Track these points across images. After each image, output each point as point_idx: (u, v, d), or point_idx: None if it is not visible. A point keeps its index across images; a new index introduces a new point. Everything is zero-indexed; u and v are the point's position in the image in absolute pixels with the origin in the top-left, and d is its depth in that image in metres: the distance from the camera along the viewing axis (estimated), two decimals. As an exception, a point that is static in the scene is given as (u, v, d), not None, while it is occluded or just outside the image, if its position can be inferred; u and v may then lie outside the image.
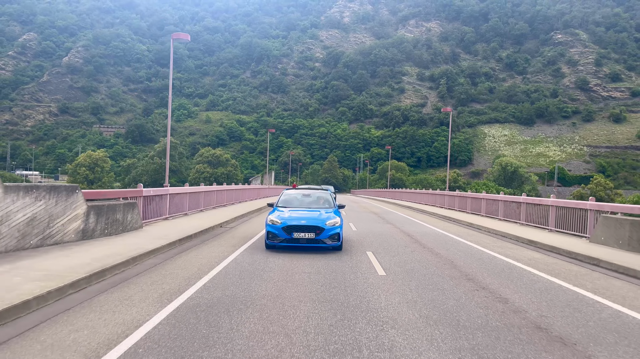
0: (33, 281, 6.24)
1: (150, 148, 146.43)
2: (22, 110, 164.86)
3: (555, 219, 15.75)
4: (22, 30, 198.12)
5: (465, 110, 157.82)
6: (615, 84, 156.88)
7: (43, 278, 6.43)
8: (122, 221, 11.50)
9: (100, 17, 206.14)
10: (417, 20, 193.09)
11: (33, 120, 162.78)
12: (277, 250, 10.71)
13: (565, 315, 6.02)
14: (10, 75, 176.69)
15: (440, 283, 7.70)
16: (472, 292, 7.16)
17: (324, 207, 11.88)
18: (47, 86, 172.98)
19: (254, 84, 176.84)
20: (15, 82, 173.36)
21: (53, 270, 6.97)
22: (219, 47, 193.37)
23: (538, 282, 8.12)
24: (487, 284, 7.81)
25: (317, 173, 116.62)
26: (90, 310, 5.65)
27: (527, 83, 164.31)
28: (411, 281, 7.76)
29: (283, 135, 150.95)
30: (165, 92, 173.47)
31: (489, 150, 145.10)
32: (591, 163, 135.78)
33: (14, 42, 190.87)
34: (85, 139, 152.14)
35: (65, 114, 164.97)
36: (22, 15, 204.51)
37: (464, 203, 25.62)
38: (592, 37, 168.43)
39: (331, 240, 10.55)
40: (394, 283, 7.57)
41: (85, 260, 7.86)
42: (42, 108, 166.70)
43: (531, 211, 17.64)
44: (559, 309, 6.33)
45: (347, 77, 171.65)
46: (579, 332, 5.34)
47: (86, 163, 71.98)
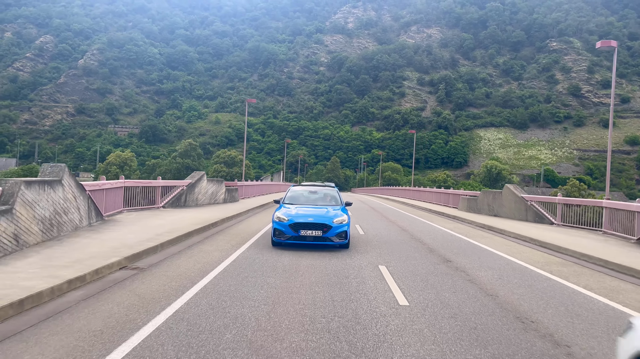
0: (211, 216, 16.53)
1: (164, 148, 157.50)
2: (41, 110, 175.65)
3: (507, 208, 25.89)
4: (38, 32, 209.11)
5: (462, 114, 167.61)
6: (606, 91, 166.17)
7: (214, 217, 16.71)
8: (234, 196, 22.20)
9: (114, 20, 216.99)
10: (418, 26, 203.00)
11: (51, 119, 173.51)
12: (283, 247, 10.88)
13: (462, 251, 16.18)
14: (28, 76, 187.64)
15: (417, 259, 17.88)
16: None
17: (331, 204, 12.06)
18: (64, 87, 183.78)
19: (261, 87, 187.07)
20: (34, 83, 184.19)
21: (220, 213, 17.25)
22: (228, 51, 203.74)
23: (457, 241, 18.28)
24: (444, 254, 17.97)
25: (321, 173, 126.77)
26: (238, 223, 15.85)
27: (522, 89, 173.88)
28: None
29: (289, 137, 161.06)
30: (177, 94, 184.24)
31: (484, 153, 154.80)
32: (580, 166, 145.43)
33: (31, 44, 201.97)
34: (101, 138, 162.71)
35: (82, 114, 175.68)
36: (38, 18, 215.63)
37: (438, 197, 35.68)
38: (585, 45, 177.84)
39: (338, 238, 10.65)
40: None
41: (229, 211, 18.14)
42: (60, 108, 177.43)
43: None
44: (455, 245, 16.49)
45: (350, 81, 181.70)
46: (468, 260, 15.50)
47: (116, 162, 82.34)
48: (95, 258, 7.96)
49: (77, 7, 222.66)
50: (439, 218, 23.05)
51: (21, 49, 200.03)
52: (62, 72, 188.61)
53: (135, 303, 6.09)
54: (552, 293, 7.73)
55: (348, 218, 11.12)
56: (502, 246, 13.52)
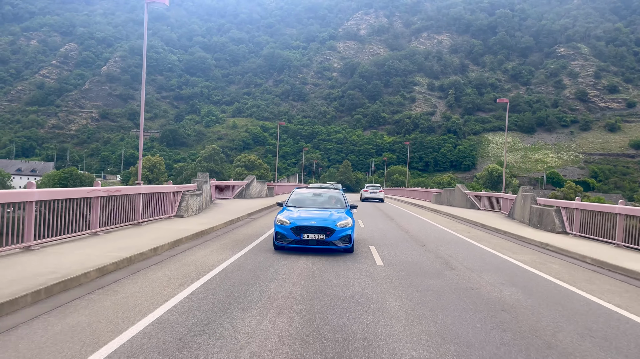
0: (265, 202, 25.20)
1: (184, 152, 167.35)
2: (67, 116, 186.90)
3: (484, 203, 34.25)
4: (62, 40, 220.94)
5: (471, 119, 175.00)
6: (612, 95, 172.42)
7: (267, 203, 25.39)
8: (271, 192, 30.98)
9: (134, 28, 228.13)
10: (429, 32, 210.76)
11: (77, 124, 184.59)
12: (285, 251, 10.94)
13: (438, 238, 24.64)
14: (54, 83, 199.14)
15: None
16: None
17: (335, 207, 12.07)
18: (89, 93, 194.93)
19: (276, 92, 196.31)
20: (60, 90, 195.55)
21: (269, 202, 25.92)
22: (244, 57, 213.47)
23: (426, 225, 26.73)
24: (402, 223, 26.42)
25: (334, 176, 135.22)
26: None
27: (530, 93, 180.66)
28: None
29: (303, 141, 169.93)
30: (195, 99, 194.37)
31: (492, 156, 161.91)
32: (585, 169, 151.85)
33: (56, 51, 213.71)
34: (124, 142, 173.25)
35: (106, 119, 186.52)
36: (62, 27, 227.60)
37: (421, 194, 44.25)
38: (592, 51, 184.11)
39: (342, 242, 10.60)
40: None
41: (273, 201, 26.78)
42: (85, 113, 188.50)
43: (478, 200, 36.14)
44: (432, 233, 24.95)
45: (362, 86, 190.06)
46: (406, 221, 23.95)
47: (147, 166, 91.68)
48: (238, 212, 16.65)
49: (99, 15, 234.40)
50: (411, 207, 31.94)
51: (47, 56, 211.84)
52: (86, 79, 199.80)
53: (249, 232, 14.66)
54: (450, 240, 16.14)
55: (352, 222, 11.12)
56: (436, 218, 21.94)
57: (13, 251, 8.66)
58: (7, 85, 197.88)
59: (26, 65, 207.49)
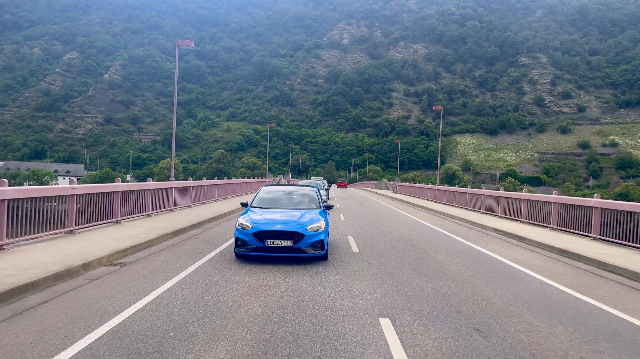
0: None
1: (184, 153, 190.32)
2: (74, 120, 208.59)
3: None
4: (64, 49, 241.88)
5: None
6: (566, 101, 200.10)
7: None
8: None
9: (132, 37, 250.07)
10: (405, 42, 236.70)
11: (84, 129, 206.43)
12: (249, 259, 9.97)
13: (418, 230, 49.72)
14: (59, 90, 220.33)
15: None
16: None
17: (307, 208, 11.10)
18: (93, 99, 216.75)
19: (266, 98, 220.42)
20: (66, 96, 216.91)
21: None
22: (235, 65, 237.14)
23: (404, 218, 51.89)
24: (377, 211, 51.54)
25: (320, 174, 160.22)
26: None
27: (495, 99, 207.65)
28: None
29: (292, 143, 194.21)
30: (192, 105, 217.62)
31: (459, 156, 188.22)
32: (539, 166, 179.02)
33: (59, 60, 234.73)
34: (128, 145, 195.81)
35: (110, 124, 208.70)
36: (63, 36, 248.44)
37: (374, 185, 69.28)
38: (550, 60, 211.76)
39: (313, 248, 9.61)
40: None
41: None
42: (90, 118, 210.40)
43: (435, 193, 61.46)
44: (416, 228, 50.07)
45: (345, 92, 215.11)
46: (361, 199, 48.98)
47: (167, 167, 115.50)
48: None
49: (98, 24, 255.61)
50: (360, 191, 56.69)
51: (50, 64, 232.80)
52: (89, 86, 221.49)
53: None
54: (392, 213, 41.00)
55: (326, 225, 10.09)
56: (372, 196, 46.72)
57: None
58: (15, 92, 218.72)
59: (31, 72, 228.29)
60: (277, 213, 10.48)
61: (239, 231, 9.83)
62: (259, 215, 10.23)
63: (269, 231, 9.55)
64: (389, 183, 55.71)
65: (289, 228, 9.61)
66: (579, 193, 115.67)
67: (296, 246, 9.53)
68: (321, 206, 11.40)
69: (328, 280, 8.55)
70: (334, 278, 8.76)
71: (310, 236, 9.63)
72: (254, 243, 9.57)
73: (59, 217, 11.26)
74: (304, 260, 9.99)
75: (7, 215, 9.37)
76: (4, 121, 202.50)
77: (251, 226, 9.69)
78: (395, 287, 8.26)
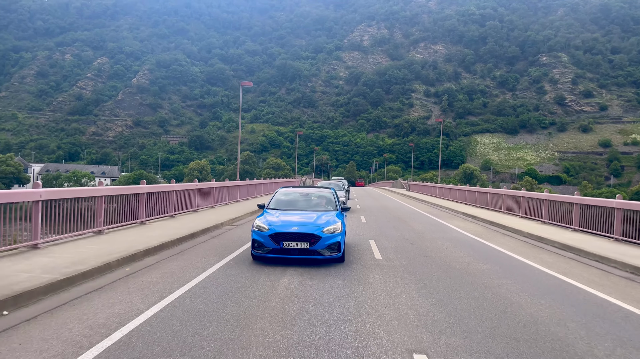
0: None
1: (210, 154, 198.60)
2: (105, 123, 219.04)
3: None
4: (94, 54, 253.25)
5: (462, 122, 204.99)
6: (587, 100, 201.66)
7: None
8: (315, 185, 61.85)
9: (158, 42, 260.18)
10: (426, 43, 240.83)
11: (114, 131, 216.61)
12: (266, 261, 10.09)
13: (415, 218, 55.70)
14: (90, 94, 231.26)
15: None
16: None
17: (323, 210, 11.28)
18: (122, 103, 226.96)
19: (289, 100, 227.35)
20: (96, 100, 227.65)
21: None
22: (258, 68, 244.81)
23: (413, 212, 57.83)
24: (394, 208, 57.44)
25: (341, 174, 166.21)
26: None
27: (515, 99, 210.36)
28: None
29: (313, 143, 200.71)
30: (217, 107, 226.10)
31: (479, 155, 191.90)
32: (559, 165, 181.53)
33: (90, 65, 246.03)
34: (156, 147, 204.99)
35: (139, 126, 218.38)
36: (93, 42, 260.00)
37: (391, 184, 74.97)
38: (571, 59, 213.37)
39: (329, 250, 9.74)
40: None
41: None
42: (120, 121, 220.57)
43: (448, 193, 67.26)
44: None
45: (365, 93, 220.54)
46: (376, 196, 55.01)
47: (197, 168, 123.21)
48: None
49: (126, 30, 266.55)
50: (377, 189, 62.37)
51: (82, 69, 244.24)
52: (119, 90, 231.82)
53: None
54: (398, 206, 46.97)
55: (342, 226, 10.21)
56: (387, 193, 52.64)
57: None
58: (49, 97, 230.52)
59: (64, 78, 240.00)
60: (294, 215, 10.60)
61: (255, 233, 9.95)
62: (275, 217, 10.36)
63: (285, 233, 9.67)
64: (404, 182, 61.84)
65: (305, 229, 9.71)
66: (596, 192, 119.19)
67: (312, 248, 9.62)
68: (338, 208, 11.48)
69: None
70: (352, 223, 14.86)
71: (327, 238, 9.71)
72: (270, 245, 9.70)
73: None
74: (320, 262, 10.04)
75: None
76: (39, 125, 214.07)
77: (267, 228, 9.81)
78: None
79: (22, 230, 9.51)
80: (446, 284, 8.72)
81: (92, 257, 9.20)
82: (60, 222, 10.63)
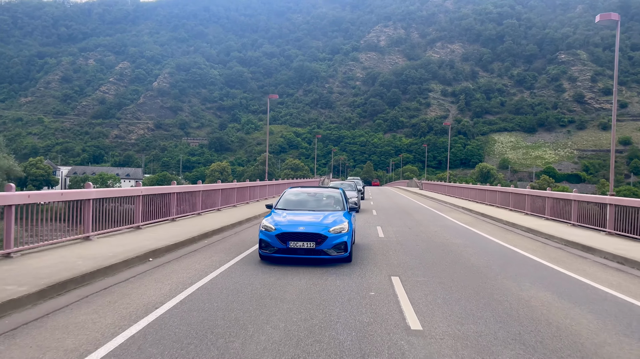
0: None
1: (230, 156, 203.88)
2: (127, 127, 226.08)
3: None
4: (116, 59, 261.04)
5: (479, 121, 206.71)
6: (607, 97, 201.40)
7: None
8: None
9: (178, 46, 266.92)
10: (442, 42, 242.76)
11: (136, 134, 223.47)
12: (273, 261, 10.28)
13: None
14: (113, 98, 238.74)
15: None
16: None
17: (331, 210, 11.46)
18: (143, 107, 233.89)
19: (306, 101, 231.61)
20: (119, 104, 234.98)
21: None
22: (276, 70, 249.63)
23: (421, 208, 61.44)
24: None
25: (359, 174, 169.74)
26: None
27: (533, 97, 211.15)
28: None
29: (331, 144, 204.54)
30: (235, 110, 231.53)
31: (497, 154, 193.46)
32: (578, 164, 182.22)
33: (112, 69, 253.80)
34: (177, 149, 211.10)
35: (160, 129, 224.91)
36: (115, 47, 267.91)
37: (405, 184, 78.36)
38: (590, 57, 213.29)
39: (336, 250, 9.91)
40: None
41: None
42: (142, 124, 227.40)
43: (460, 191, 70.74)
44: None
45: (382, 94, 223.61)
46: (390, 193, 58.64)
47: (218, 169, 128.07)
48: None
49: (146, 35, 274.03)
50: (392, 188, 65.86)
51: (104, 74, 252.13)
52: (140, 94, 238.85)
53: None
54: (408, 203, 50.63)
55: (349, 226, 10.36)
56: (400, 192, 56.20)
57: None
58: (73, 101, 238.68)
59: (87, 82, 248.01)
60: (300, 215, 10.77)
61: (262, 232, 10.12)
62: (282, 217, 10.52)
63: (292, 232, 9.82)
64: (418, 182, 65.15)
65: (312, 229, 9.86)
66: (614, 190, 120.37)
67: (319, 247, 9.75)
68: (345, 207, 11.60)
69: None
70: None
71: (333, 237, 9.84)
72: (277, 245, 9.85)
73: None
74: (327, 262, 10.20)
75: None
76: (64, 128, 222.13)
77: (274, 228, 9.97)
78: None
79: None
80: (424, 249, 12.62)
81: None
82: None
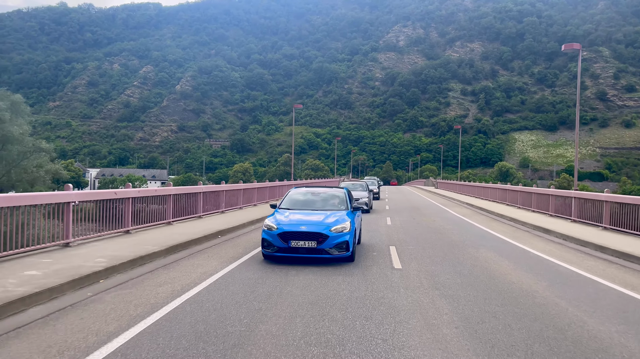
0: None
1: (252, 157, 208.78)
2: (151, 129, 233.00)
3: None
4: (140, 63, 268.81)
5: (499, 120, 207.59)
6: (630, 94, 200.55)
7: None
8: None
9: (199, 49, 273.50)
10: (462, 41, 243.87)
11: (160, 136, 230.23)
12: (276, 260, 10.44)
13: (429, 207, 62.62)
14: (137, 101, 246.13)
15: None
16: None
17: (334, 209, 11.54)
18: (167, 109, 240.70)
19: (326, 102, 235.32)
20: (143, 107, 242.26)
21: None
22: (296, 72, 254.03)
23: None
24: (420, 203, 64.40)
25: (378, 174, 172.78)
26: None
27: (554, 95, 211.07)
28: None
29: (350, 144, 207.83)
30: (256, 111, 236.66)
31: (518, 153, 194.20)
32: (600, 162, 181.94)
33: (136, 73, 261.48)
34: (200, 150, 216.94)
35: (183, 131, 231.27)
36: (138, 51, 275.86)
37: (423, 183, 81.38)
38: (613, 53, 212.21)
39: (337, 249, 9.99)
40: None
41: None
42: (165, 127, 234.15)
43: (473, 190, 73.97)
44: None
45: (402, 93, 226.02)
46: (405, 192, 61.94)
47: (241, 170, 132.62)
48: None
49: (169, 39, 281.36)
50: (409, 187, 69.08)
51: (129, 78, 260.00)
52: (163, 97, 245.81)
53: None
54: (420, 200, 53.95)
55: (351, 226, 10.39)
56: (416, 191, 59.40)
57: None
58: (99, 105, 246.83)
59: (112, 86, 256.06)
60: (303, 214, 10.91)
61: (265, 232, 10.25)
62: (285, 216, 10.68)
63: (293, 232, 9.95)
64: (434, 181, 68.15)
65: (313, 229, 9.97)
66: (635, 188, 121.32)
67: (320, 247, 9.84)
68: (349, 207, 11.66)
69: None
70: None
71: (335, 237, 9.92)
72: (279, 244, 9.97)
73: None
74: (329, 261, 10.30)
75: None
76: (91, 132, 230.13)
77: (276, 227, 10.10)
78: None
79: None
80: (420, 232, 16.02)
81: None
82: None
